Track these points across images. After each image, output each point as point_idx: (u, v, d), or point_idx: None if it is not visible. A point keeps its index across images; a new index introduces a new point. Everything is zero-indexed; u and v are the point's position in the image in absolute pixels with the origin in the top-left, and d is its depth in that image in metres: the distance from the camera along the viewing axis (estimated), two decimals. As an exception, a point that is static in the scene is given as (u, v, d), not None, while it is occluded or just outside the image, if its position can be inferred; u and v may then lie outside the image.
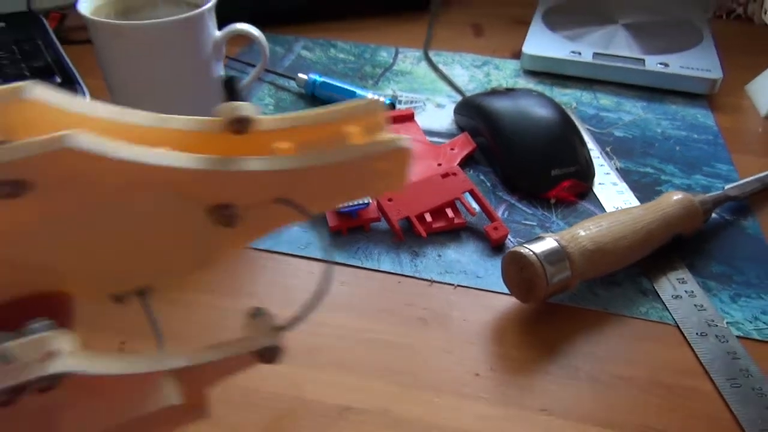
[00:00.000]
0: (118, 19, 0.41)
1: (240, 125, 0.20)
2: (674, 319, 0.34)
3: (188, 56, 0.41)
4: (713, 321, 0.34)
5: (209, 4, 0.41)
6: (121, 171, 0.18)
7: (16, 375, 0.16)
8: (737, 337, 0.33)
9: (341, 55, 0.62)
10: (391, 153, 0.21)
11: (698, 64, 0.57)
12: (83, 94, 0.53)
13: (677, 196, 0.38)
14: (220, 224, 0.21)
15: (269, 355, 0.21)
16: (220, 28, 0.43)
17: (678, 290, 0.36)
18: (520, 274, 0.33)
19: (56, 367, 0.17)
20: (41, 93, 0.18)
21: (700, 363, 0.32)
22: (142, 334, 0.33)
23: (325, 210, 0.23)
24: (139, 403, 0.19)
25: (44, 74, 0.50)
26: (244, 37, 0.44)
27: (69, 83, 0.49)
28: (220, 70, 0.44)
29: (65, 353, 0.17)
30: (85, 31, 0.44)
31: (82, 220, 0.19)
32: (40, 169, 0.17)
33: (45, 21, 0.59)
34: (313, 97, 0.54)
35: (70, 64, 0.52)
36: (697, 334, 0.33)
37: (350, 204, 0.39)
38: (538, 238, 0.34)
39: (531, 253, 0.32)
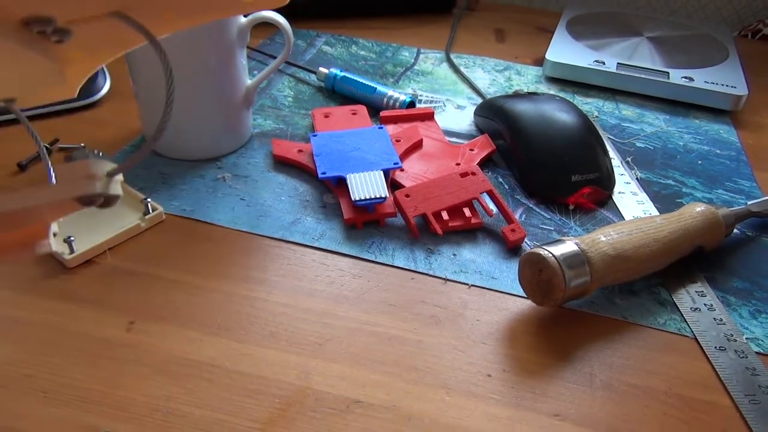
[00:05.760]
0: None
1: None
2: (693, 332, 0.33)
3: (212, 39, 0.41)
4: (732, 336, 0.33)
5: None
6: None
7: None
8: (757, 353, 0.32)
9: (363, 53, 0.62)
10: None
11: (723, 79, 0.56)
12: (104, 78, 0.53)
13: (700, 207, 0.38)
14: (49, 40, 0.20)
15: (92, 201, 0.19)
16: (245, 15, 0.43)
17: (697, 303, 0.35)
18: (537, 276, 0.33)
19: None
20: None
21: (719, 377, 0.31)
22: (152, 315, 0.33)
23: (170, 32, 0.22)
24: None
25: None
26: (265, 30, 0.44)
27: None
28: (243, 57, 0.44)
29: None
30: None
31: None
32: None
33: None
34: (333, 91, 0.54)
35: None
36: (715, 348, 0.32)
37: (366, 198, 0.38)
38: (558, 241, 0.33)
39: (550, 255, 0.32)
